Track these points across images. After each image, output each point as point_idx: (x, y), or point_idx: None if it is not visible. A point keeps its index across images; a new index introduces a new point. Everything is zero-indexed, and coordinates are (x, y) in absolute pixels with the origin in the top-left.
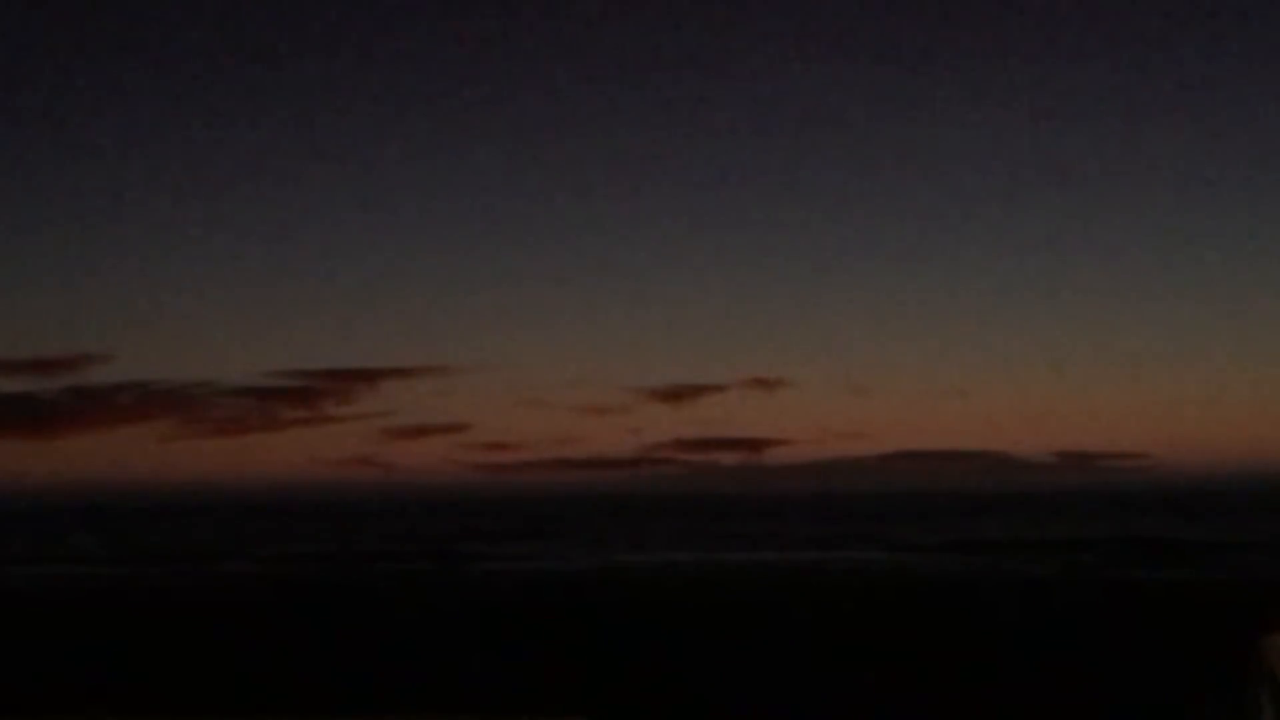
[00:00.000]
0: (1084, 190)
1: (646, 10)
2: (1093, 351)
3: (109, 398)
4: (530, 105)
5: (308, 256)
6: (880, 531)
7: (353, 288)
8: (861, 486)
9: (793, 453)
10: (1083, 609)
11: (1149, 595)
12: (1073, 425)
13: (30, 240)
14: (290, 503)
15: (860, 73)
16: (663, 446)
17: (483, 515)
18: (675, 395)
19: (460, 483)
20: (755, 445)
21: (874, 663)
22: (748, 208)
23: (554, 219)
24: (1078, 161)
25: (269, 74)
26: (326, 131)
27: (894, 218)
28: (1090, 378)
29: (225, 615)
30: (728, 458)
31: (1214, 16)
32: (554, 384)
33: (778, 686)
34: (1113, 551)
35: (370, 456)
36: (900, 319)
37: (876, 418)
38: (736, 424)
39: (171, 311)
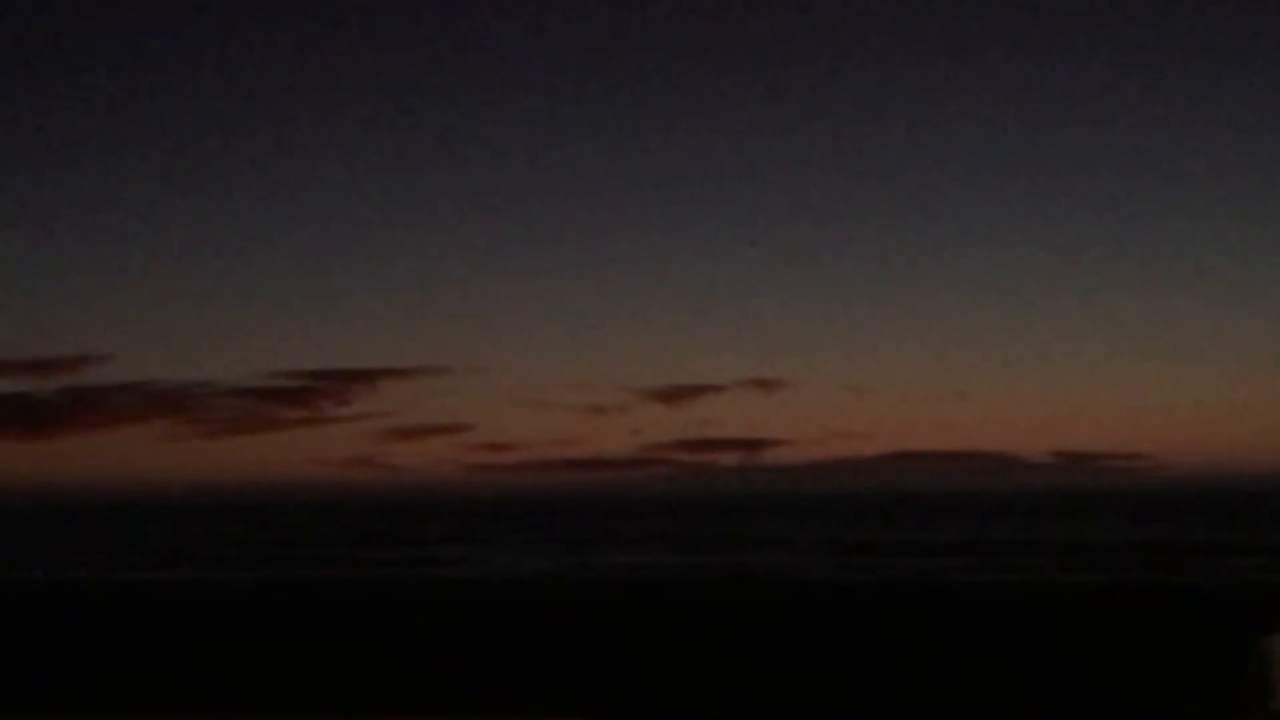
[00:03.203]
0: (1084, 192)
1: (649, 13)
2: (1092, 352)
3: (109, 398)
4: (530, 108)
5: (308, 257)
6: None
7: (353, 288)
8: (861, 486)
9: (792, 453)
10: (1080, 610)
11: (1148, 596)
12: (1072, 425)
13: (30, 240)
14: (290, 503)
15: (859, 74)
16: (663, 447)
17: (483, 515)
18: (675, 395)
19: (460, 483)
20: (755, 445)
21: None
22: (748, 209)
23: (554, 220)
24: (1078, 163)
25: (270, 77)
26: (327, 134)
27: (893, 219)
28: (1090, 378)
29: (225, 616)
30: (727, 458)
31: (1214, 20)
32: (554, 384)
33: (772, 684)
34: (1110, 553)
35: (370, 456)
36: (900, 319)
37: (876, 418)
38: (736, 424)
39: (171, 311)
